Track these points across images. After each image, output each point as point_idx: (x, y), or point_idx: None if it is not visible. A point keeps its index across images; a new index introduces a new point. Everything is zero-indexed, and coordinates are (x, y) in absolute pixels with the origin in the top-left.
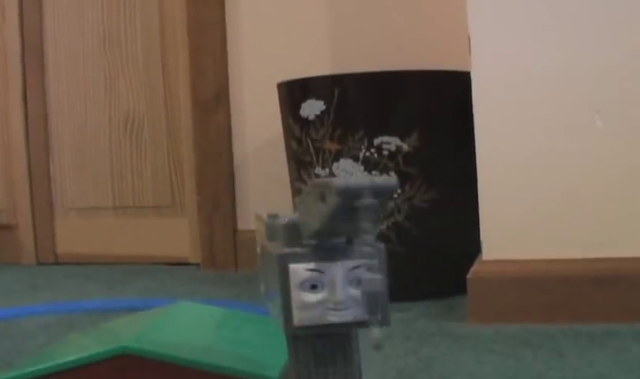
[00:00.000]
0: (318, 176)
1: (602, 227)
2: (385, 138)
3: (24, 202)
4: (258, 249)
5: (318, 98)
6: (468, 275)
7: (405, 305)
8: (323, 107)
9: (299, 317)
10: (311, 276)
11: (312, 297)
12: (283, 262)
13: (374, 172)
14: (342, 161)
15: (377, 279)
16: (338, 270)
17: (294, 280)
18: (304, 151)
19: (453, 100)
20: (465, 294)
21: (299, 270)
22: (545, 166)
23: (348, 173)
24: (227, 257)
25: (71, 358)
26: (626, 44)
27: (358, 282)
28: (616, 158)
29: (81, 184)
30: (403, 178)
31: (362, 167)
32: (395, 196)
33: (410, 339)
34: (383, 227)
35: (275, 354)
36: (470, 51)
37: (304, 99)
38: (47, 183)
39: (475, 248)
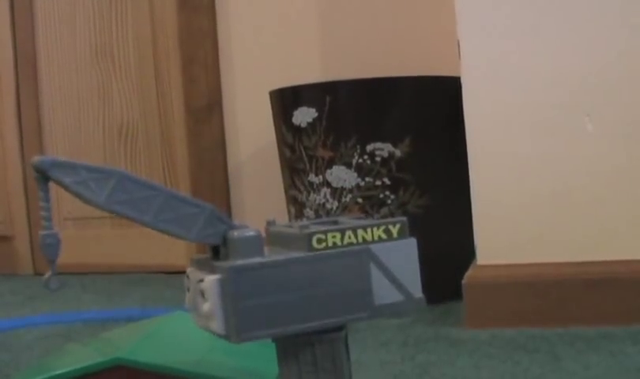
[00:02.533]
0: (311, 183)
1: (595, 229)
2: (378, 144)
3: (21, 213)
4: None
5: (309, 105)
6: (464, 281)
7: (410, 313)
8: (315, 115)
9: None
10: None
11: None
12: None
13: (367, 178)
14: (335, 168)
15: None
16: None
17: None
18: (297, 158)
19: (444, 105)
20: (461, 299)
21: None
22: (537, 170)
23: (342, 180)
24: None
25: (64, 370)
26: (615, 47)
27: (201, 294)
28: (608, 161)
29: None
30: (396, 183)
31: (355, 174)
32: (389, 202)
33: (406, 345)
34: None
35: (268, 363)
36: (459, 56)
37: (296, 107)
38: None
39: (469, 253)
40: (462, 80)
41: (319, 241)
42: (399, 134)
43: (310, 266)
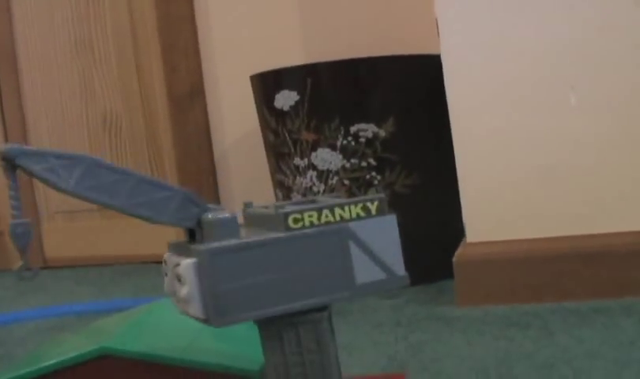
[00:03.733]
0: (297, 167)
1: (584, 203)
2: (362, 125)
3: (9, 208)
4: None
5: (291, 88)
6: (454, 259)
7: (393, 291)
8: (297, 98)
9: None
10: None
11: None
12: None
13: (352, 160)
14: (320, 150)
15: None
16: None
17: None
18: (282, 142)
19: (427, 84)
20: (452, 278)
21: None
22: (521, 145)
23: (327, 162)
24: None
25: (50, 362)
26: (597, 19)
27: (178, 279)
28: (592, 134)
29: None
30: (382, 164)
31: (340, 156)
32: (375, 182)
33: (400, 325)
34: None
35: (256, 347)
36: (438, 34)
37: (278, 91)
38: (31, 188)
39: (459, 231)
40: (442, 58)
41: (295, 220)
42: (382, 114)
43: (287, 246)
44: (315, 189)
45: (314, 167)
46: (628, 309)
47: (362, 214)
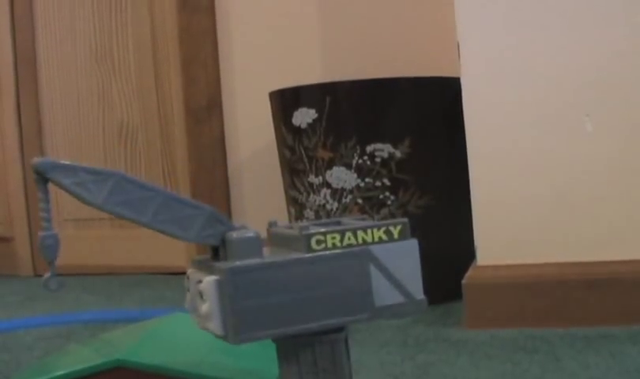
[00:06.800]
0: (311, 184)
1: (595, 230)
2: (378, 145)
3: (21, 214)
4: None
5: (309, 106)
6: (464, 281)
7: (411, 315)
8: (315, 116)
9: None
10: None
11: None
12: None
13: (367, 179)
14: (335, 169)
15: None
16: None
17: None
18: (297, 159)
19: (444, 106)
20: (461, 300)
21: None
22: (537, 170)
23: (342, 181)
24: None
25: (65, 371)
26: (614, 46)
27: (200, 295)
28: (607, 161)
29: None
30: (396, 184)
31: (355, 175)
32: (389, 202)
33: (406, 346)
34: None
35: (269, 363)
36: (459, 57)
37: (296, 108)
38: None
39: (470, 253)
40: (462, 81)
41: (318, 242)
42: (399, 135)
43: (308, 267)
44: (328, 207)
45: (329, 185)
46: (635, 336)
47: (384, 238)
